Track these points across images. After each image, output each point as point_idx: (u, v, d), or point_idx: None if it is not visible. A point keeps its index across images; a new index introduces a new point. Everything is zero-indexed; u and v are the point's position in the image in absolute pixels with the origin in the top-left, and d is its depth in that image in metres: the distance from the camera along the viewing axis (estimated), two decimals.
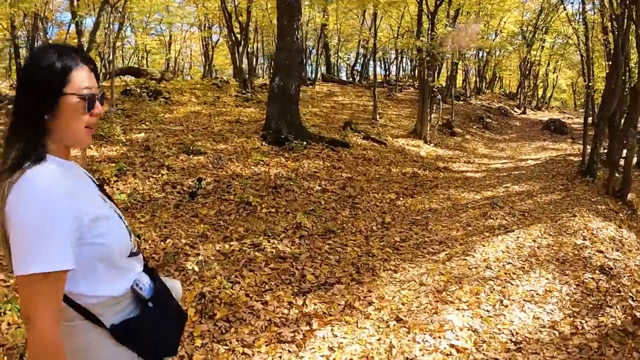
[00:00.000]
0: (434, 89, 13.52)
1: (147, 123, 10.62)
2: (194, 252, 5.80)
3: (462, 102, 19.61)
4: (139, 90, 12.71)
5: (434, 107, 13.72)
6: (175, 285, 1.71)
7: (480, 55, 22.30)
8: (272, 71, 11.20)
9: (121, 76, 15.19)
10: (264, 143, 10.09)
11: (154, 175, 8.11)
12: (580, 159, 11.61)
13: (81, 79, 1.32)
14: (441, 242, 6.62)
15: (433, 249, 6.39)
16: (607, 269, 5.51)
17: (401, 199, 8.55)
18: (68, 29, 20.51)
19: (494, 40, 20.31)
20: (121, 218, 1.50)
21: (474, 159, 13.31)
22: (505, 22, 19.58)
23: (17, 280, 1.22)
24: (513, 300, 4.87)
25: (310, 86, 19.01)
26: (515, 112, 21.40)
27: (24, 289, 1.22)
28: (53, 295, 1.24)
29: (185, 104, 12.70)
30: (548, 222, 7.48)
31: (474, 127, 16.91)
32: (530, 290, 5.10)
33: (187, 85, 15.37)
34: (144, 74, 15.26)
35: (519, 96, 23.34)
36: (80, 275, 1.33)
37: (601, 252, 6.09)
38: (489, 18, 18.23)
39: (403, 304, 4.83)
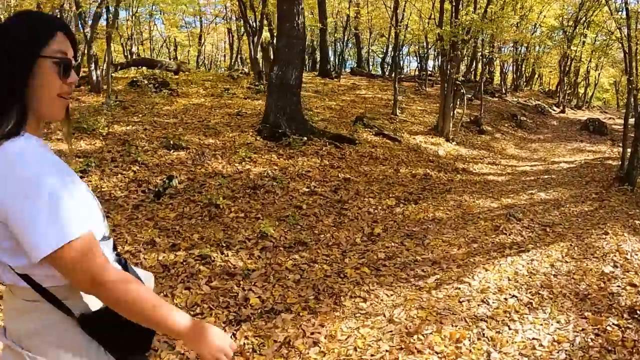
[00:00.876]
0: (457, 82, 12.02)
1: (139, 115, 9.71)
2: (132, 262, 4.74)
3: (497, 99, 17.86)
4: (146, 82, 11.86)
5: (457, 102, 12.23)
6: (148, 278, 1.50)
7: (518, 50, 20.37)
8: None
9: (135, 67, 14.46)
10: (258, 138, 8.98)
11: (124, 172, 7.14)
12: (619, 163, 9.90)
13: (57, 43, 1.20)
14: (435, 262, 5.31)
15: (422, 271, 5.09)
16: (639, 312, 4.08)
17: (402, 205, 7.24)
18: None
19: (532, 35, 18.39)
20: (95, 200, 1.34)
21: (500, 160, 11.76)
22: (544, 16, 17.63)
23: (52, 262, 1.13)
24: (505, 353, 3.55)
25: (335, 79, 17.77)
26: (554, 110, 19.42)
27: (62, 265, 1.13)
28: (98, 253, 1.17)
29: (190, 95, 11.75)
30: (573, 240, 6.02)
31: (506, 125, 15.21)
32: (533, 339, 3.75)
33: (201, 77, 14.46)
34: (158, 65, 14.46)
35: (558, 94, 21.27)
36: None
37: (634, 285, 4.62)
38: (527, 11, 16.41)
39: (356, 349, 3.60)
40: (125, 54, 17.96)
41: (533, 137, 15.18)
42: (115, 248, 1.42)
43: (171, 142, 7.90)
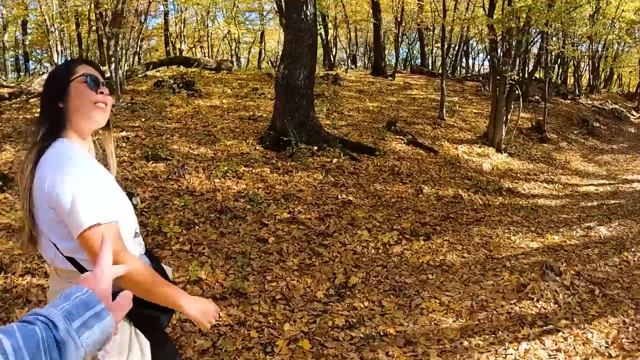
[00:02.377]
0: (511, 81, 9.79)
1: (142, 120, 8.65)
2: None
3: (569, 101, 15.04)
4: (171, 82, 10.86)
5: (512, 106, 10.01)
6: (167, 269, 1.73)
7: (593, 47, 17.15)
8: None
9: (172, 66, 13.61)
10: (258, 147, 7.56)
11: None
12: None
13: (82, 69, 1.48)
14: (410, 341, 3.60)
15: (386, 354, 3.42)
16: None
17: (405, 241, 5.48)
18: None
19: (608, 29, 15.23)
20: (127, 199, 1.55)
21: (559, 176, 9.45)
22: (623, 10, 14.45)
23: (82, 238, 1.34)
24: None
25: (390, 78, 15.90)
26: (632, 115, 16.13)
27: (89, 242, 1.33)
28: (113, 237, 1.33)
29: (211, 96, 10.58)
30: (629, 314, 4.03)
31: (575, 132, 12.57)
32: None
33: (238, 75, 13.29)
34: (195, 63, 13.49)
35: (638, 97, 17.77)
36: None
37: None
38: (603, 2, 13.46)
39: None
40: (175, 51, 17.33)
41: (605, 146, 12.41)
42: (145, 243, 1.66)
43: (150, 153, 6.70)
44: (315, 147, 7.77)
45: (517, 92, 9.82)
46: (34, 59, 19.38)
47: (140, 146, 7.19)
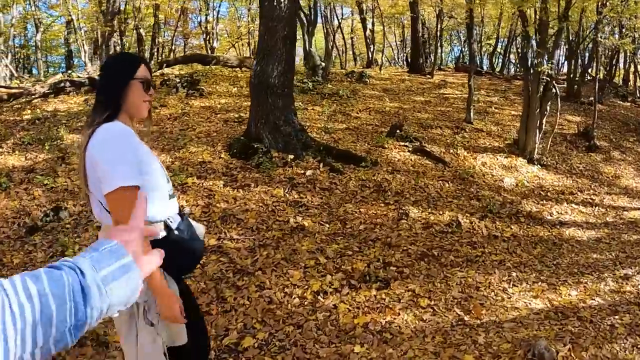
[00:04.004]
0: (545, 78, 7.67)
1: None
2: None
3: (628, 104, 12.31)
4: (177, 81, 9.84)
5: (547, 108, 7.89)
6: (199, 227, 1.91)
7: None
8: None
9: (191, 64, 12.60)
10: (222, 155, 6.23)
11: (24, 196, 5.11)
12: None
13: (142, 71, 1.71)
14: None
15: None
16: None
17: (347, 289, 3.92)
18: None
19: None
20: (161, 166, 1.78)
21: (603, 196, 7.29)
22: None
23: (108, 198, 1.55)
24: None
25: (428, 76, 13.96)
26: None
27: (112, 203, 1.55)
28: (134, 203, 1.21)
29: (211, 96, 9.40)
30: None
31: (631, 139, 10.01)
32: None
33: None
34: (213, 61, 12.37)
35: None
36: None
37: None
38: None
39: None
40: (210, 50, 16.40)
41: None
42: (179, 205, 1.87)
43: None
44: (291, 156, 6.34)
45: (553, 90, 7.72)
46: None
47: None
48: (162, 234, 1.67)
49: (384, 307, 3.73)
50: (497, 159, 7.61)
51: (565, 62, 13.62)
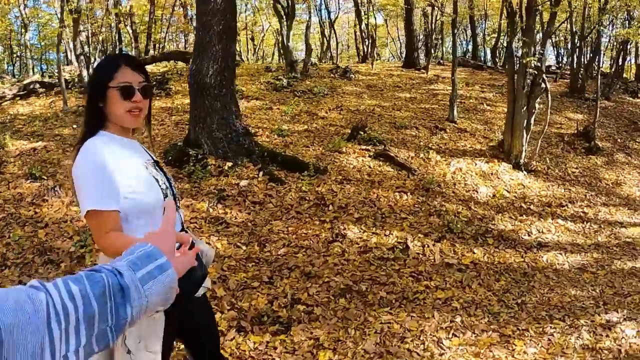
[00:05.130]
0: (533, 70, 6.41)
1: (74, 127, 6.87)
2: None
3: (639, 100, 10.75)
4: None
5: (535, 105, 6.62)
6: (208, 251, 1.69)
7: None
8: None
9: (167, 61, 11.72)
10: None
11: None
12: None
13: (121, 76, 1.49)
14: None
15: None
16: None
17: (233, 333, 2.91)
18: None
19: None
20: (158, 182, 1.55)
21: (599, 208, 6.02)
22: None
23: (86, 218, 1.45)
24: None
25: (422, 71, 12.71)
26: None
27: (88, 223, 1.48)
28: (108, 225, 1.41)
29: (174, 96, 8.45)
30: None
31: (639, 139, 8.58)
32: None
33: (239, 70, 11.01)
34: (191, 57, 11.41)
35: None
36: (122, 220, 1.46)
37: None
38: None
39: None
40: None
41: None
42: (182, 223, 1.68)
43: (31, 170, 4.81)
44: (229, 163, 5.36)
45: (543, 85, 6.46)
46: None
47: (37, 163, 5.36)
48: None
49: None
50: (476, 165, 6.42)
51: (561, 55, 12.14)
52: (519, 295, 3.87)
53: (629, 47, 12.52)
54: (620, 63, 11.73)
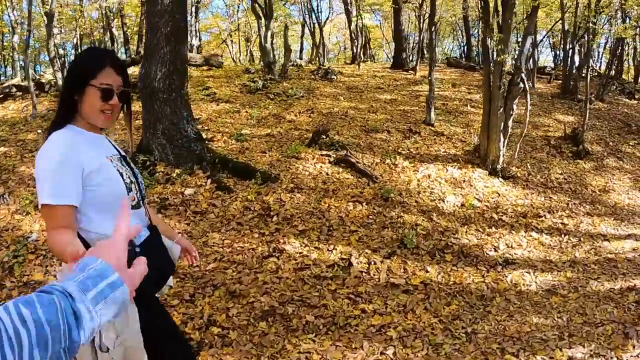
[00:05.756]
0: (506, 69, 5.83)
1: (38, 132, 6.51)
2: None
3: (635, 102, 10.03)
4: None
5: (513, 107, 6.01)
6: (173, 247, 1.73)
7: None
8: None
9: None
10: None
11: None
12: None
13: (104, 76, 1.45)
14: None
15: None
16: None
17: None
18: None
19: None
20: (122, 176, 1.51)
21: (581, 218, 5.40)
22: None
23: (41, 211, 1.42)
24: None
25: (411, 72, 12.15)
26: None
27: (42, 215, 1.44)
28: (58, 220, 1.37)
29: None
30: None
31: (632, 143, 7.88)
32: None
33: (219, 72, 10.54)
34: None
35: None
36: (81, 214, 1.44)
37: None
38: None
39: None
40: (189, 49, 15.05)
41: None
42: (148, 215, 1.64)
43: None
44: (178, 171, 4.90)
45: (521, 85, 5.87)
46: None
47: None
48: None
49: None
50: (447, 171, 5.85)
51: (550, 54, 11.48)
52: (470, 323, 3.31)
53: (627, 48, 11.83)
54: (615, 63, 11.03)
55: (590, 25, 7.88)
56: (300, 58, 17.14)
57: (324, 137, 5.90)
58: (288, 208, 4.52)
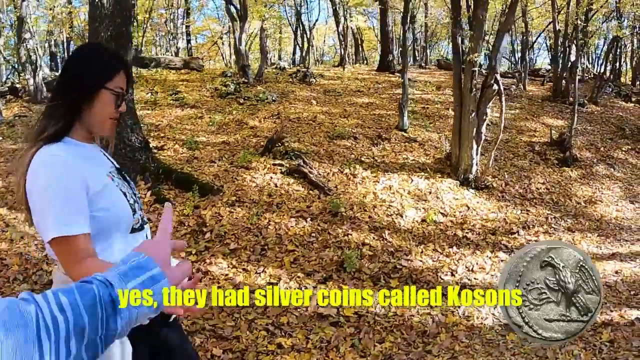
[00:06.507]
0: (481, 69, 5.28)
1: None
2: None
3: (632, 105, 9.34)
4: None
5: (487, 111, 5.45)
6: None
7: None
8: None
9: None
10: None
11: None
12: None
13: (119, 80, 1.28)
14: None
15: None
16: None
17: None
18: None
19: None
20: (126, 196, 1.30)
21: (560, 233, 4.80)
22: None
23: (52, 244, 1.15)
24: None
25: (397, 74, 11.63)
26: None
27: (54, 250, 1.18)
28: (79, 252, 1.15)
29: None
30: None
31: (625, 148, 7.23)
32: None
33: (198, 75, 10.07)
34: (152, 63, 10.53)
35: None
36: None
37: None
38: None
39: None
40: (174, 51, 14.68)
41: None
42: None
43: None
44: None
45: (495, 87, 5.31)
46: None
47: None
48: None
49: None
50: (412, 182, 5.30)
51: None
52: None
53: (626, 49, 11.18)
54: (610, 65, 10.38)
55: (579, 23, 7.29)
56: (293, 61, 16.71)
57: (278, 145, 5.39)
58: (224, 224, 4.02)
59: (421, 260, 3.97)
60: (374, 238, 4.14)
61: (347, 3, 12.28)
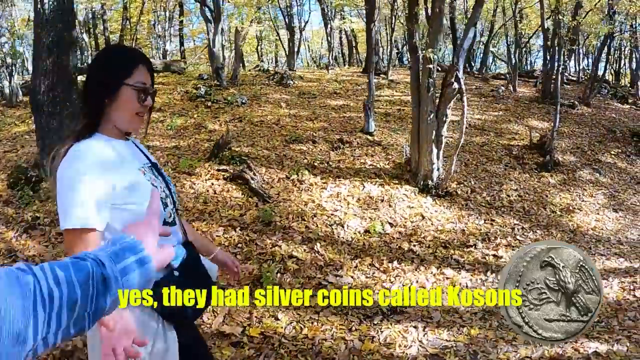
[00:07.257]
0: (437, 67, 4.87)
1: None
2: None
3: (627, 107, 8.76)
4: None
5: (447, 112, 5.01)
6: (212, 268, 1.52)
7: None
8: None
9: None
10: None
11: None
12: None
13: (139, 75, 1.29)
14: None
15: None
16: None
17: None
18: None
19: None
20: (158, 190, 1.30)
21: (524, 246, 4.39)
22: None
23: (64, 234, 1.22)
24: None
25: (382, 76, 11.22)
26: None
27: (64, 239, 1.24)
28: (85, 246, 1.17)
29: None
30: None
31: (614, 152, 6.65)
32: None
33: (178, 78, 9.81)
34: None
35: None
36: (113, 235, 1.19)
37: None
38: None
39: None
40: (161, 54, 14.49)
41: None
42: (185, 234, 1.42)
43: None
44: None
45: (456, 85, 4.87)
46: None
47: None
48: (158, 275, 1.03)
49: None
50: (364, 189, 4.87)
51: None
52: None
53: (624, 50, 10.57)
54: (604, 65, 9.81)
55: (567, 20, 6.81)
56: (288, 63, 16.43)
57: (226, 149, 5.03)
58: None
59: (353, 276, 3.55)
60: (304, 250, 3.74)
61: (332, 4, 11.93)
